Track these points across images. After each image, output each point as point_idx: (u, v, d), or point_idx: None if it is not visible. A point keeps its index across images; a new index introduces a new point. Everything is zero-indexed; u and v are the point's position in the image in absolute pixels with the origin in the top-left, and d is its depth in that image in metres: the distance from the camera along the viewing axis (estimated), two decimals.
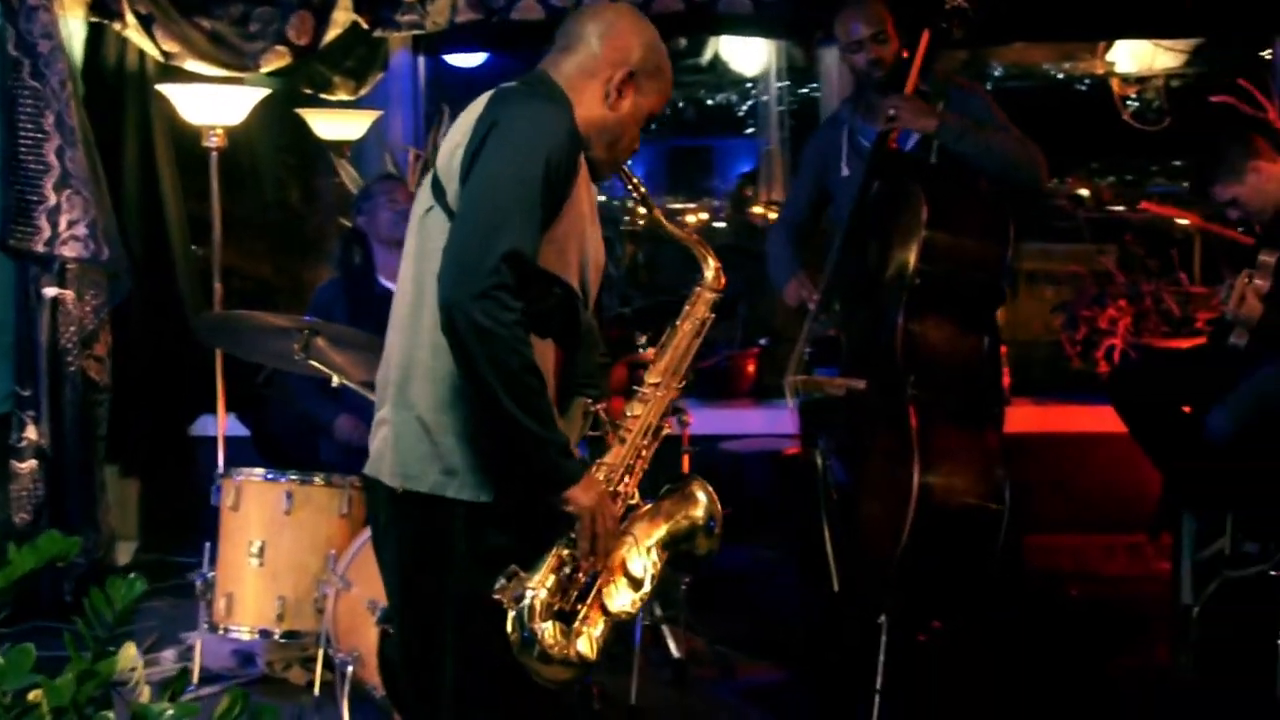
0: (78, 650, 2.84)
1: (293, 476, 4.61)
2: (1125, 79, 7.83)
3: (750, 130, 10.37)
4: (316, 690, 4.53)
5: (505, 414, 2.59)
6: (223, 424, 5.44)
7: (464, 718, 2.82)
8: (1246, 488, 4.91)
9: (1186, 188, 8.31)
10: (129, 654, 3.08)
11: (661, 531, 2.93)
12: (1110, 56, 7.83)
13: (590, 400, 2.90)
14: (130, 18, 5.79)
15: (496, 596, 2.65)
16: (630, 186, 3.01)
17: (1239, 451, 4.81)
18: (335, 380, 4.49)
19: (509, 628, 2.67)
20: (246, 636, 4.62)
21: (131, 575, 3.01)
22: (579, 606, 2.75)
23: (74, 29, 5.84)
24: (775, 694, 4.76)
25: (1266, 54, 7.31)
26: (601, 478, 2.82)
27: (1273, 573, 4.80)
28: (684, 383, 3.03)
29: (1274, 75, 6.56)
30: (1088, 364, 6.51)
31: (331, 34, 6.10)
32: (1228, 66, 7.58)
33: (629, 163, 2.99)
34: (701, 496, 3.00)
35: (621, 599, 2.82)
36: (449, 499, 2.72)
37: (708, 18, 6.15)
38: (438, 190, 2.77)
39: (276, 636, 4.59)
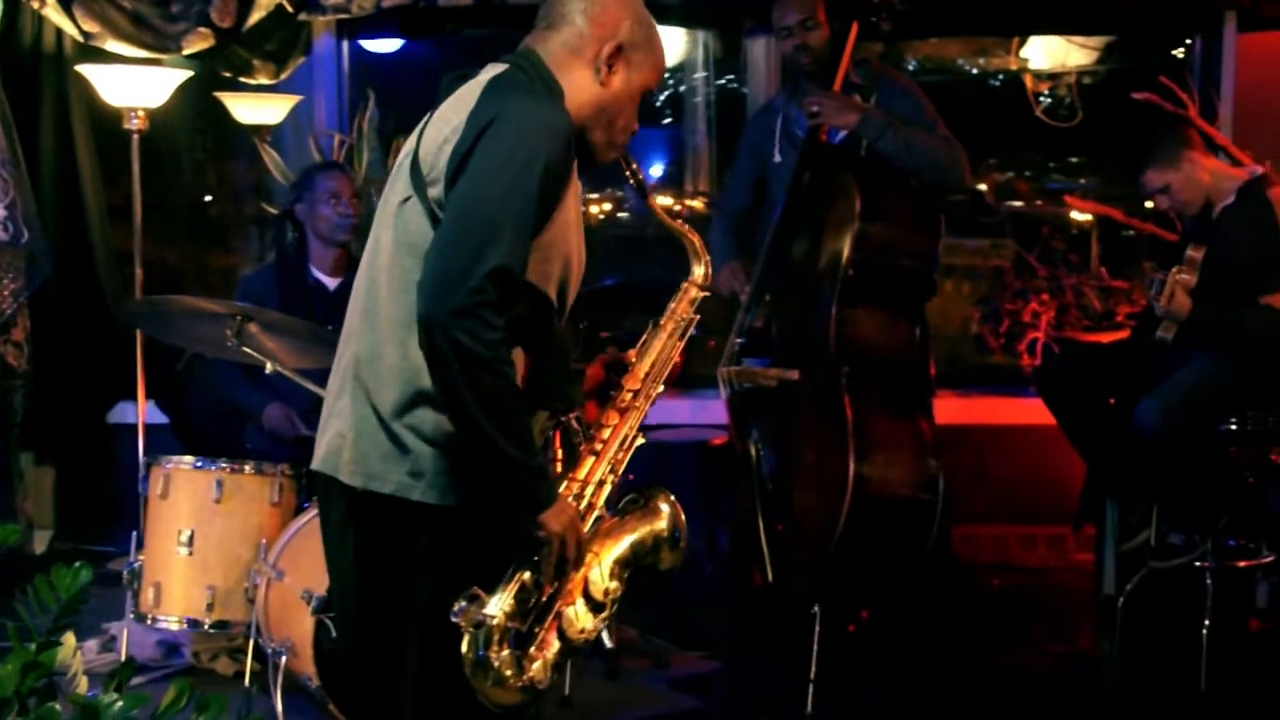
0: (21, 641, 2.79)
1: (223, 465, 4.52)
2: (1038, 75, 7.92)
3: (668, 121, 10.36)
4: (247, 680, 4.49)
5: (482, 435, 2.48)
6: (143, 411, 5.35)
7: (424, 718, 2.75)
8: (1174, 479, 4.99)
9: (1084, 183, 8.39)
10: (69, 645, 3.03)
11: (624, 546, 2.82)
12: (1024, 53, 7.91)
13: (549, 414, 2.80)
14: None
15: (455, 619, 2.54)
16: (629, 173, 2.89)
17: (1168, 443, 4.88)
18: (269, 367, 4.43)
19: (464, 648, 2.56)
20: (175, 627, 4.52)
21: (77, 564, 2.97)
22: (536, 629, 2.64)
23: None
24: (707, 684, 4.77)
25: (1178, 52, 7.43)
26: (571, 496, 2.71)
27: (1198, 564, 4.86)
28: (663, 388, 2.92)
29: (1192, 73, 6.67)
30: (1010, 357, 6.59)
31: (255, 16, 6.02)
32: (1139, 64, 7.72)
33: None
34: (665, 508, 2.87)
35: (581, 622, 2.71)
36: (413, 501, 2.61)
37: None
38: (419, 181, 2.63)
39: (206, 627, 4.50)
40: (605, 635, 2.78)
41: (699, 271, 2.97)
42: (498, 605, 2.56)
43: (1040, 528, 6.30)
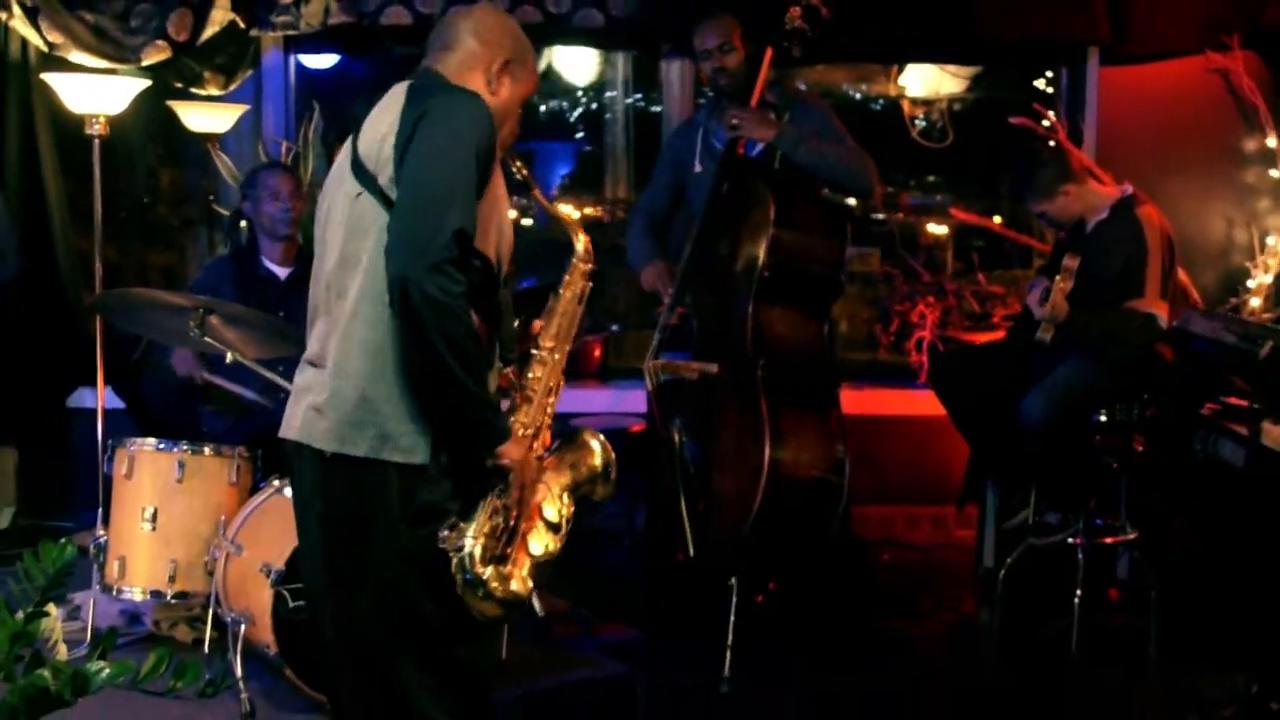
0: (10, 612, 2.67)
1: (184, 447, 4.47)
2: (914, 100, 7.97)
3: (579, 135, 10.29)
4: (206, 648, 4.39)
5: (451, 378, 2.60)
6: (101, 396, 5.20)
7: (399, 672, 2.77)
8: (1052, 465, 5.02)
9: (939, 200, 8.47)
10: (53, 616, 2.92)
11: (566, 479, 2.98)
12: (902, 80, 7.96)
13: (503, 366, 2.90)
14: (16, 8, 5.50)
15: (442, 545, 2.68)
16: (515, 169, 3.01)
17: (1048, 433, 4.91)
18: (229, 357, 4.34)
19: (453, 570, 2.70)
20: (139, 597, 4.45)
21: (62, 540, 2.85)
22: (508, 550, 2.78)
23: None
24: (632, 650, 4.72)
25: (1039, 83, 7.51)
26: (521, 434, 2.84)
27: (1070, 540, 4.91)
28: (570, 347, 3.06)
29: (1060, 100, 6.73)
30: (899, 354, 6.62)
31: (209, 31, 5.89)
32: (1004, 93, 7.80)
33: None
34: (595, 445, 3.06)
35: (544, 542, 2.88)
36: (382, 461, 2.69)
37: (564, 29, 6.11)
38: (364, 178, 2.71)
39: (168, 597, 4.45)
40: (536, 604, 2.89)
41: (579, 246, 3.10)
42: (475, 527, 2.72)
43: (924, 508, 6.31)
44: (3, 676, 2.66)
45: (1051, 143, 6.08)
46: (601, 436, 3.08)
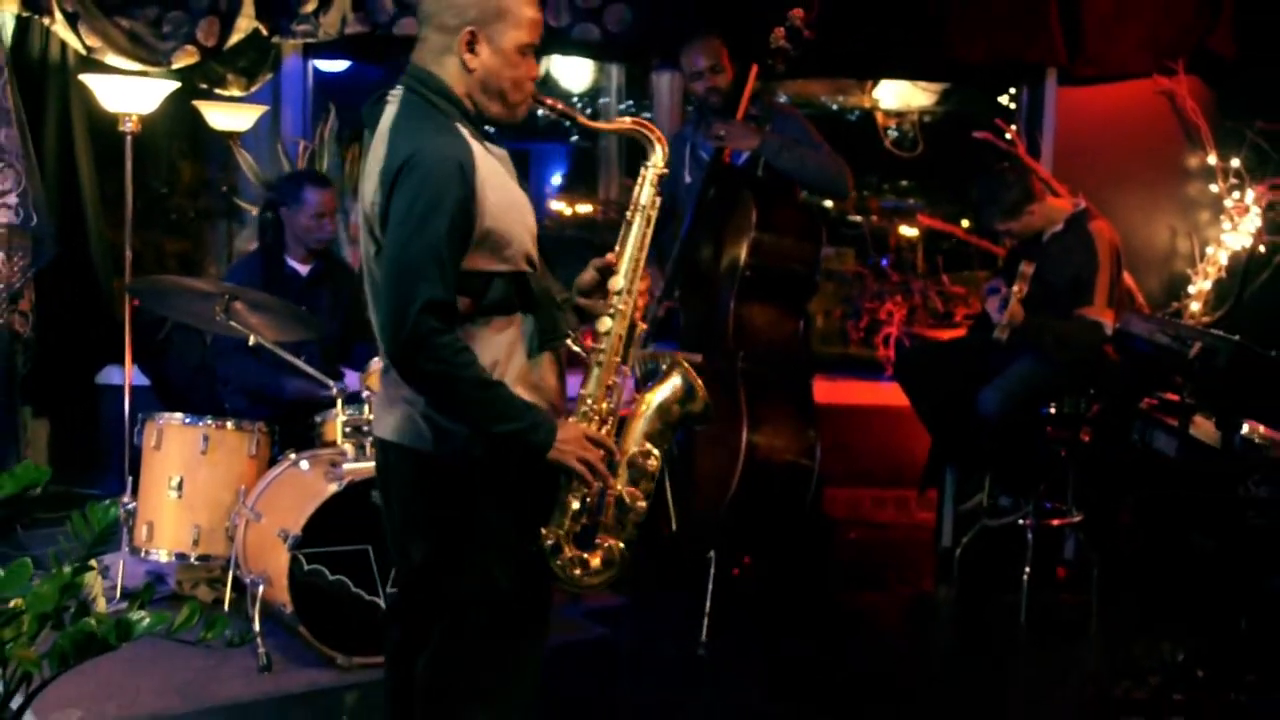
0: (60, 564, 2.79)
1: (209, 421, 4.56)
2: (887, 113, 8.07)
3: (574, 138, 10.38)
4: (226, 607, 4.49)
5: (476, 424, 2.60)
6: (129, 373, 5.29)
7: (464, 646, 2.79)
8: (1006, 453, 5.13)
9: (909, 204, 8.56)
10: (94, 570, 3.04)
11: (649, 419, 2.83)
12: (876, 94, 8.05)
13: (555, 348, 2.77)
14: (58, 14, 5.56)
15: (535, 549, 2.71)
16: (548, 108, 2.79)
17: (1003, 424, 5.02)
18: (252, 339, 4.44)
19: (547, 563, 2.73)
20: (165, 559, 4.55)
21: (106, 502, 2.97)
22: (598, 520, 2.75)
23: (5, 21, 5.60)
24: (616, 616, 4.80)
25: (1003, 99, 7.62)
26: (581, 413, 2.75)
27: (1021, 522, 5.01)
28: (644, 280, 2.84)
29: (1021, 116, 6.84)
30: (867, 348, 6.72)
31: (235, 38, 5.95)
32: (971, 108, 7.90)
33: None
34: (674, 373, 2.88)
35: (635, 499, 2.79)
36: (467, 464, 2.67)
37: (563, 42, 6.20)
38: (376, 240, 2.64)
39: (192, 559, 4.54)
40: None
41: (657, 152, 2.88)
42: (554, 524, 2.73)
43: (889, 491, 6.41)
44: (52, 625, 2.78)
45: (1015, 163, 6.17)
46: (680, 359, 2.91)
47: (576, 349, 2.85)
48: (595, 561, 2.77)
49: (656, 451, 2.82)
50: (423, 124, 2.61)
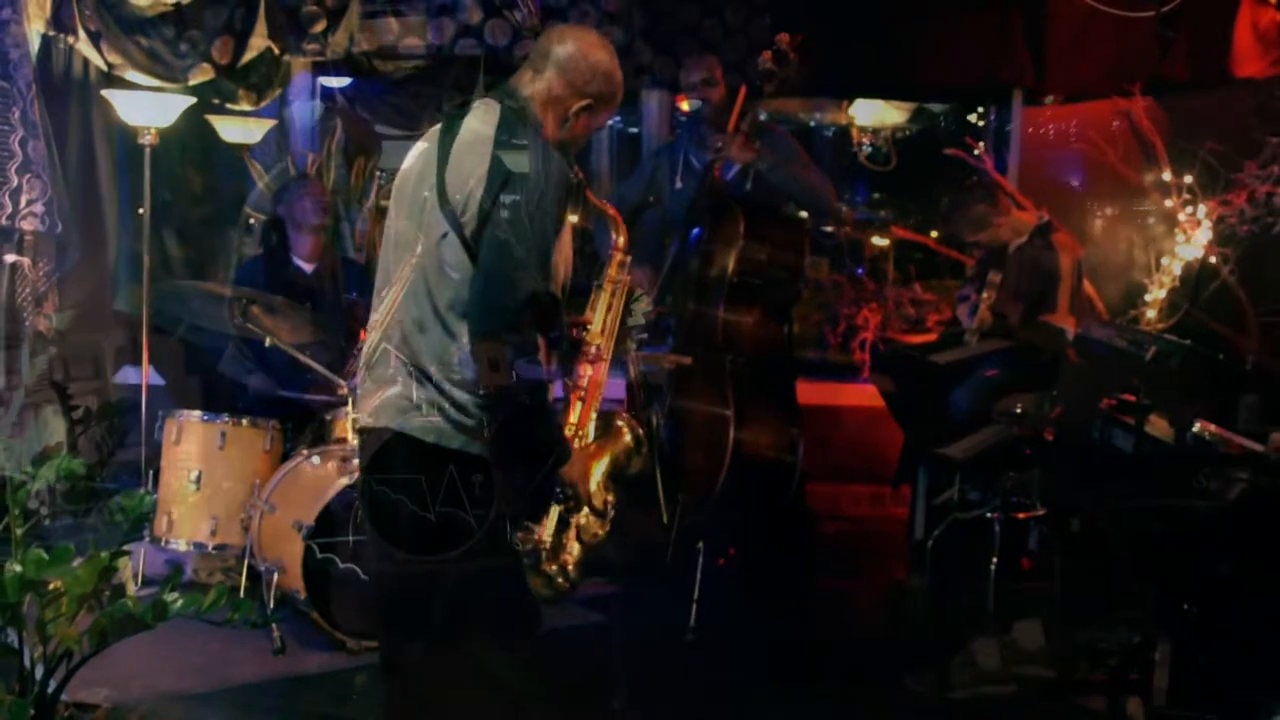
0: (98, 549, 2.84)
1: (225, 418, 4.59)
2: (862, 129, 8.14)
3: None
4: (241, 594, 4.52)
5: (531, 418, 2.68)
6: (146, 374, 5.33)
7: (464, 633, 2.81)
8: (977, 450, 5.18)
9: (883, 216, 8.62)
10: (126, 556, 3.08)
11: (606, 464, 2.96)
12: (851, 111, 8.12)
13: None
14: (81, 33, 5.58)
15: (518, 548, 2.75)
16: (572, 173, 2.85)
17: (973, 423, 5.08)
18: (268, 341, 4.48)
19: (525, 565, 2.79)
20: (184, 548, 4.58)
21: (141, 490, 3.03)
22: (564, 539, 2.85)
23: (33, 39, 5.62)
24: (610, 603, 4.82)
25: (972, 117, 7.70)
26: (574, 439, 2.85)
27: (989, 515, 5.06)
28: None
29: (989, 133, 6.92)
30: (845, 353, 6.78)
31: (248, 56, 5.99)
32: (940, 125, 7.99)
33: None
34: (623, 426, 3.01)
35: (593, 528, 2.92)
36: (474, 454, 2.71)
37: None
38: (454, 222, 2.65)
39: (210, 548, 4.58)
40: None
41: (620, 240, 3.02)
42: (547, 532, 2.81)
43: (865, 487, 6.45)
44: (89, 606, 2.83)
45: (984, 179, 6.24)
46: (628, 416, 3.05)
47: (569, 382, 2.91)
48: (568, 570, 2.87)
49: (613, 497, 2.95)
50: (531, 139, 2.68)
